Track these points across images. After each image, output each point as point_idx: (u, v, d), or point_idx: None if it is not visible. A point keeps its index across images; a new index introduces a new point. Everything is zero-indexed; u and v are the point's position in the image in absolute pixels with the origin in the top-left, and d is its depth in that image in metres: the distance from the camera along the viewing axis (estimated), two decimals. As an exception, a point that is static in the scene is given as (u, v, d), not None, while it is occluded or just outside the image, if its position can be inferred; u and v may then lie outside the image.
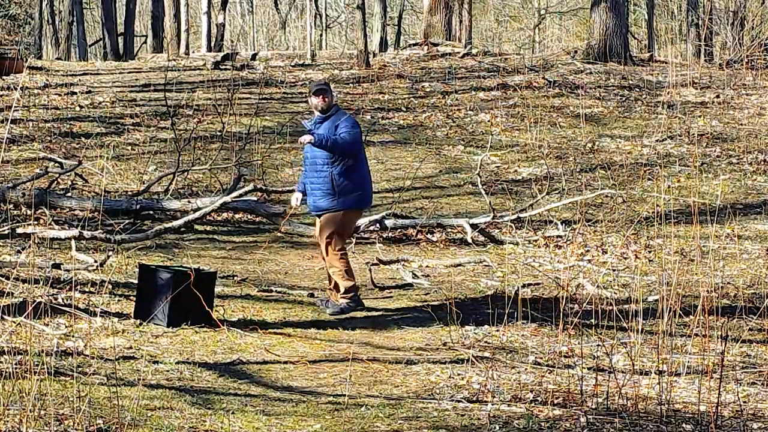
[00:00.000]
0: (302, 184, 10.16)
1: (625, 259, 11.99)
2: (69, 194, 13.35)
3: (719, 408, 6.86)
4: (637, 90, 20.66)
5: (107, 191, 13.99)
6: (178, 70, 23.07)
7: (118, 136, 17.28)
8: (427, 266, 11.83)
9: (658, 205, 13.65)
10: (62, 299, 9.43)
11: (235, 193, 10.76)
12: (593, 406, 7.19)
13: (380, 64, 23.65)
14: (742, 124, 18.34)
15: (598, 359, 8.25)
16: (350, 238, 11.08)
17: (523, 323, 9.50)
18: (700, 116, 18.75)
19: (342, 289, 9.99)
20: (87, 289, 9.92)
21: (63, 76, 22.27)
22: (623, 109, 19.45)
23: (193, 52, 29.96)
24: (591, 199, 14.18)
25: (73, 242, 10.67)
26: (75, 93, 20.15)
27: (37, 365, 6.77)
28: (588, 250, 12.24)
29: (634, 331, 8.42)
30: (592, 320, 8.65)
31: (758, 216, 13.78)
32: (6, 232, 10.63)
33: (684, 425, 6.88)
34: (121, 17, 37.06)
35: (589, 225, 13.06)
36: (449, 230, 13.13)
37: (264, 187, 13.22)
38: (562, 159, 16.55)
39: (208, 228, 13.10)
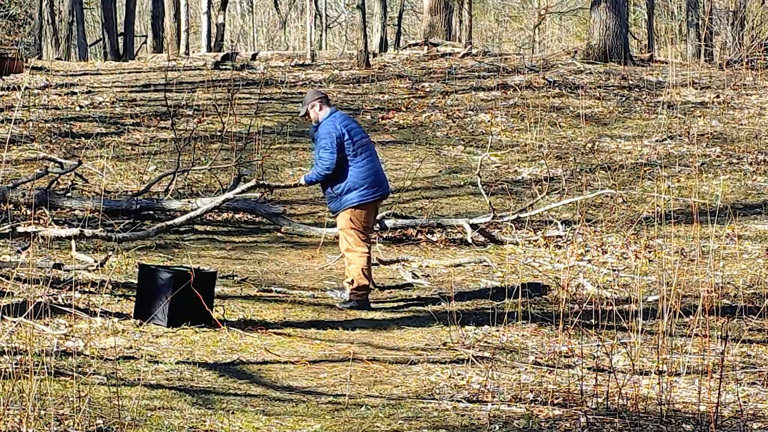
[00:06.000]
0: None
1: (625, 259, 11.99)
2: (69, 194, 13.34)
3: (719, 408, 6.86)
4: (637, 90, 20.65)
5: (107, 191, 13.98)
6: (178, 70, 23.06)
7: (118, 136, 17.27)
8: (427, 266, 11.84)
9: (658, 205, 13.65)
10: (62, 299, 9.43)
11: (237, 189, 10.80)
12: (593, 406, 7.19)
13: (380, 64, 23.65)
14: (742, 124, 18.33)
15: (598, 359, 8.25)
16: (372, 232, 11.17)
17: (523, 323, 9.50)
18: (700, 116, 18.74)
19: (355, 285, 10.20)
20: (87, 289, 9.92)
21: (63, 76, 22.26)
22: (623, 109, 19.44)
23: (193, 52, 29.96)
24: (591, 199, 14.18)
25: (73, 242, 10.67)
26: (75, 93, 20.15)
27: (37, 365, 6.76)
28: (588, 250, 12.25)
29: (634, 331, 8.43)
30: (592, 320, 8.65)
31: (758, 216, 13.77)
32: (6, 231, 10.63)
33: (684, 425, 6.88)
34: (121, 17, 37.03)
35: (589, 225, 13.06)
36: (449, 230, 13.14)
37: (267, 183, 13.21)
38: (562, 159, 16.54)
39: (208, 228, 13.11)
